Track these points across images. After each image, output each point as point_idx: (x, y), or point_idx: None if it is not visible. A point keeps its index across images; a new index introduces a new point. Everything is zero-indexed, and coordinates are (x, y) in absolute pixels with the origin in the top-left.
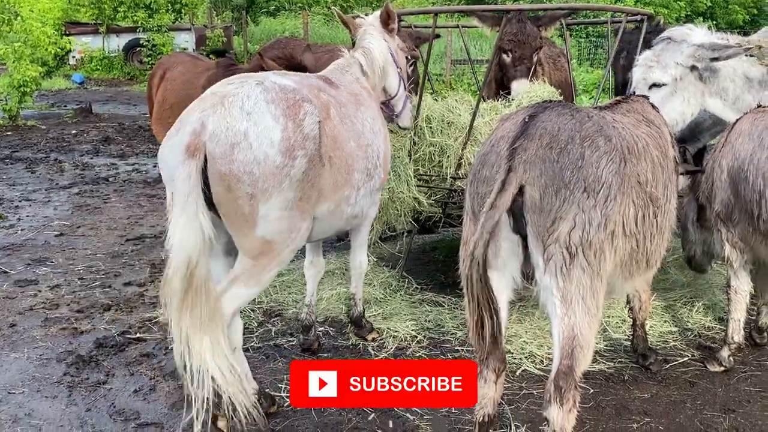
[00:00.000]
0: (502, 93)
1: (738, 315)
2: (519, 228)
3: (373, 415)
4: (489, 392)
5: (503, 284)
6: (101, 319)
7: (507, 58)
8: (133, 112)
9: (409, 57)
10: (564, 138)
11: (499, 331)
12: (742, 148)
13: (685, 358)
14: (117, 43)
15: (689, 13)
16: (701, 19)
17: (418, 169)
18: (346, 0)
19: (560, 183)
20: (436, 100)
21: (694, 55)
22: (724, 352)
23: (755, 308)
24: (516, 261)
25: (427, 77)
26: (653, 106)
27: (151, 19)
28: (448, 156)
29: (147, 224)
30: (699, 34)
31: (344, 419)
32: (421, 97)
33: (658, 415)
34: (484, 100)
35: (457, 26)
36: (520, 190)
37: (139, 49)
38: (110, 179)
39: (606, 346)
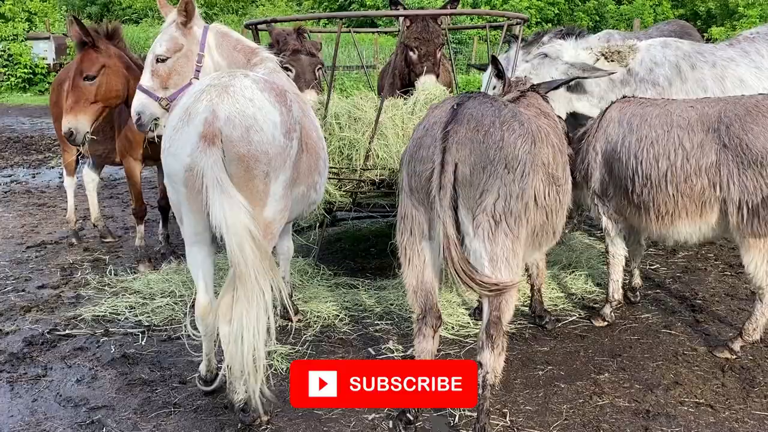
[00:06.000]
0: (399, 92)
1: (616, 276)
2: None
3: None
4: (427, 346)
5: (437, 253)
6: (24, 320)
7: (413, 55)
8: None
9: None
10: (487, 122)
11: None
12: (613, 133)
13: (574, 317)
14: None
15: (539, 20)
16: (550, 25)
17: (329, 162)
18: (210, 7)
19: (486, 160)
20: (339, 98)
21: (566, 73)
22: (607, 309)
23: (628, 271)
24: None
25: (333, 77)
26: (546, 101)
27: (4, 28)
28: (357, 149)
29: (44, 232)
30: (569, 51)
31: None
32: (329, 95)
33: (558, 363)
34: (385, 98)
35: (349, 31)
36: (454, 168)
37: None
38: None
39: None
